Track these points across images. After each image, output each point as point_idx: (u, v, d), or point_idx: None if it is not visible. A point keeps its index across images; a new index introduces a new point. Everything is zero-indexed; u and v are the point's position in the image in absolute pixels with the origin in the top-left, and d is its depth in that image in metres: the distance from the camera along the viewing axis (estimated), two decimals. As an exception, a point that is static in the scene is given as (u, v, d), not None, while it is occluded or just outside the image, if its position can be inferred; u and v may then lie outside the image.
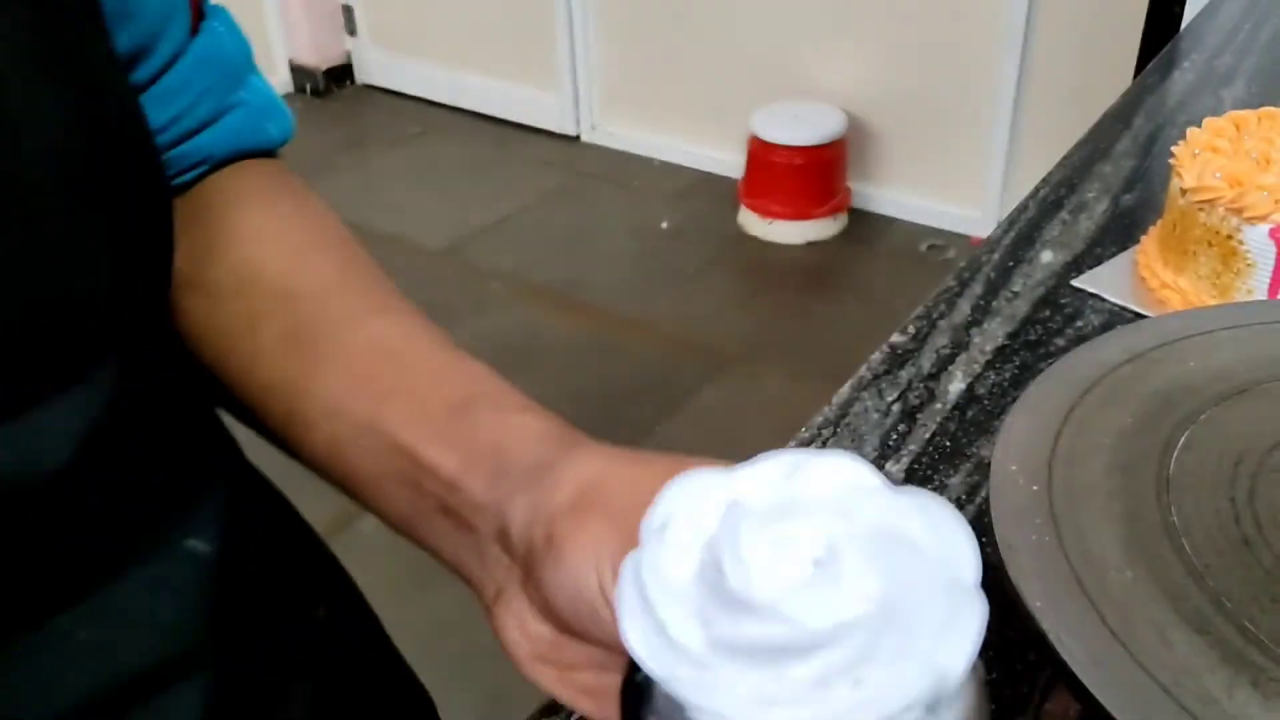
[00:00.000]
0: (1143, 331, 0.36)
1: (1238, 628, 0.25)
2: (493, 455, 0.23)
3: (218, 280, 0.28)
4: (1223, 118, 0.52)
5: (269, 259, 0.28)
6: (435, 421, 0.24)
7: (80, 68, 0.21)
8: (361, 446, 0.24)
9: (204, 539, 0.27)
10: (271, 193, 0.30)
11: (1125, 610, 0.26)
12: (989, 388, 0.46)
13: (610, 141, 2.29)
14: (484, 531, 0.23)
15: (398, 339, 0.26)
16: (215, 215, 0.29)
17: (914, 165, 1.98)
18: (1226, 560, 0.27)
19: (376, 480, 0.25)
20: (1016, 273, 0.54)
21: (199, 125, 0.29)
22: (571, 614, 0.21)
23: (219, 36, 0.29)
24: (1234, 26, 0.87)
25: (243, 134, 0.30)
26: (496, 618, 0.23)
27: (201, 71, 0.29)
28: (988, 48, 1.80)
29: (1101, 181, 0.63)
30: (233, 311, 0.27)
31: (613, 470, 0.21)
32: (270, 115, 0.31)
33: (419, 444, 0.23)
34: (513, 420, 0.24)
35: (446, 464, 0.23)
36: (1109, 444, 0.31)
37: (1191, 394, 0.33)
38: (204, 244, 0.27)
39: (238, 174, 0.30)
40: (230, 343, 0.27)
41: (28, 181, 0.19)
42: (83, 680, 0.23)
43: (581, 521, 0.20)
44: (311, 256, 0.29)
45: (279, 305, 0.27)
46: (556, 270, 1.88)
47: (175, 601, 0.25)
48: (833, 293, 1.83)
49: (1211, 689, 0.24)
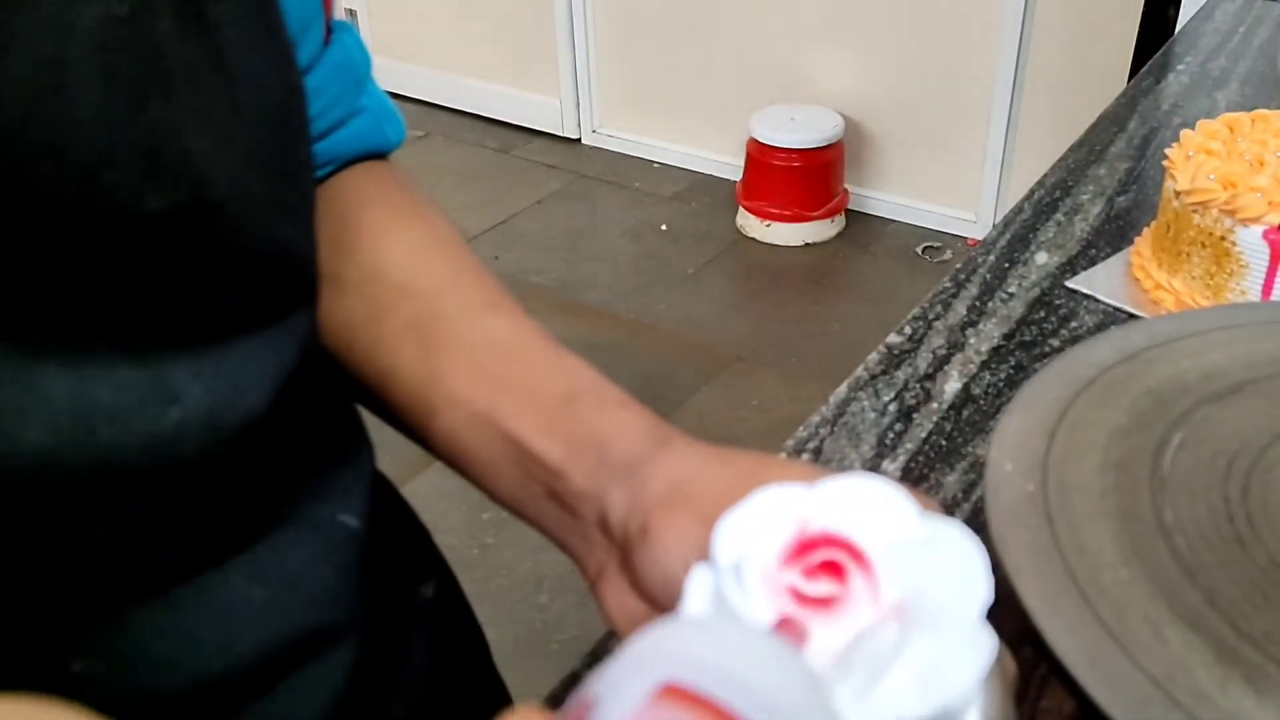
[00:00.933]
0: (1137, 332, 0.36)
1: (1231, 624, 0.26)
2: (594, 448, 0.25)
3: (345, 274, 0.30)
4: (1216, 120, 0.53)
5: (391, 256, 0.30)
6: (542, 413, 0.26)
7: (281, 37, 0.23)
8: (476, 433, 0.27)
9: (353, 514, 0.28)
10: (391, 194, 0.32)
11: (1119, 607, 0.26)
12: (984, 388, 0.46)
13: (611, 144, 2.29)
14: (586, 516, 0.25)
15: (509, 334, 0.28)
16: (342, 213, 0.31)
17: (911, 168, 1.99)
18: (1220, 558, 0.28)
19: (490, 465, 0.27)
20: (1012, 274, 0.54)
21: (330, 128, 0.31)
22: (662, 595, 0.23)
23: (347, 46, 0.32)
24: (1228, 30, 0.87)
25: (366, 137, 0.33)
26: (599, 592, 0.25)
27: (334, 78, 0.31)
28: (984, 52, 1.81)
29: (1096, 184, 0.63)
30: (357, 302, 0.29)
31: (700, 471, 0.24)
32: (388, 120, 0.34)
33: (527, 435, 0.26)
34: (613, 415, 0.26)
35: (552, 454, 0.25)
36: (1103, 443, 0.31)
37: (1185, 393, 0.33)
38: (331, 240, 0.29)
39: (361, 175, 0.33)
40: (353, 333, 0.29)
41: (248, 130, 0.21)
42: (258, 635, 0.25)
43: (672, 516, 0.23)
44: (429, 254, 0.31)
45: (400, 299, 0.29)
46: (557, 271, 1.89)
47: (332, 572, 0.27)
48: (830, 294, 1.84)
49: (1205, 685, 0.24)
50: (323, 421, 0.28)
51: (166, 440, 0.20)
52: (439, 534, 0.38)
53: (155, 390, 0.20)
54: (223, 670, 0.24)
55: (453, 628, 0.37)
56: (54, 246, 0.18)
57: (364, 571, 0.28)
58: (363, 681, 0.28)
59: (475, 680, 0.38)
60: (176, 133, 0.19)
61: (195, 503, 0.22)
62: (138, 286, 0.20)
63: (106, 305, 0.19)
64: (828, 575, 0.19)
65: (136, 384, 0.20)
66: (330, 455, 0.28)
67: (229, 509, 0.24)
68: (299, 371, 0.24)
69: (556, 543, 0.27)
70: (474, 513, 1.34)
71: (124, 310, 0.20)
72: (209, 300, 0.21)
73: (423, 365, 0.28)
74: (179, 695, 0.23)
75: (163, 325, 0.21)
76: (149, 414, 0.20)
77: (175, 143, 0.19)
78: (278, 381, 0.23)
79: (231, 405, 0.22)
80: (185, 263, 0.20)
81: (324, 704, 0.27)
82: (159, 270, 0.20)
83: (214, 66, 0.20)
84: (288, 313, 0.24)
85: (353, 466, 0.30)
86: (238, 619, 0.24)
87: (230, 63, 0.20)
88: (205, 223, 0.20)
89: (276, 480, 0.25)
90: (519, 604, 1.23)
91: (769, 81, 2.03)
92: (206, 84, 0.20)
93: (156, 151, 0.19)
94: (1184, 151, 0.50)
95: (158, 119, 0.19)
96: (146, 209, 0.19)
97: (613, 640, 0.35)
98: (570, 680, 0.34)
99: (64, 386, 0.19)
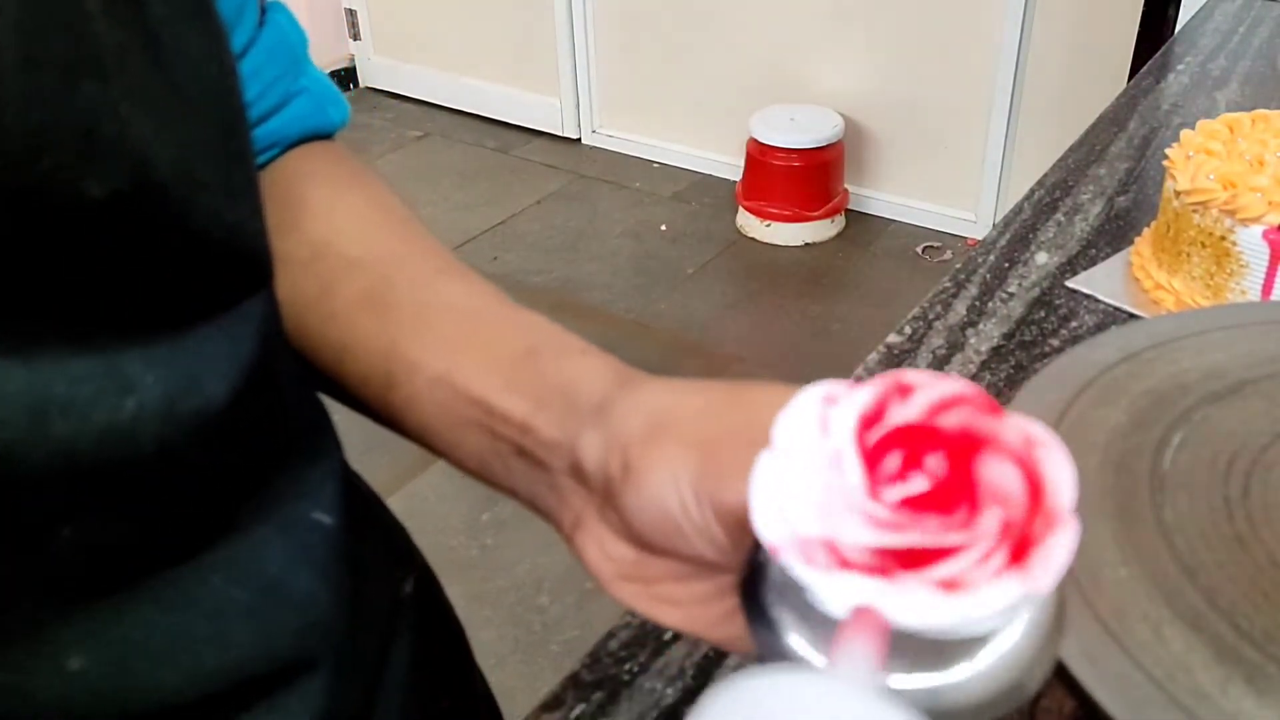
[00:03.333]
0: (1137, 332, 0.36)
1: (1231, 624, 0.26)
2: (560, 396, 0.24)
3: (291, 251, 0.29)
4: (1216, 120, 0.53)
5: (339, 230, 0.30)
6: (504, 370, 0.25)
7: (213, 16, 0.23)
8: (437, 399, 0.26)
9: (327, 512, 0.28)
10: (336, 170, 0.32)
11: (1119, 607, 0.26)
12: (984, 388, 0.46)
13: (611, 144, 2.29)
14: (557, 468, 0.24)
15: (463, 297, 0.28)
16: (285, 193, 0.30)
17: (911, 168, 1.99)
18: (1220, 557, 0.28)
19: (454, 430, 0.26)
20: (1012, 274, 0.54)
21: (268, 111, 0.31)
22: (655, 533, 0.22)
23: (281, 27, 0.31)
24: (1228, 30, 0.87)
25: (308, 119, 0.32)
26: (577, 544, 0.24)
27: (270, 60, 0.30)
28: (984, 51, 1.81)
29: (1096, 184, 0.63)
30: (306, 279, 0.29)
31: (677, 400, 0.23)
32: (330, 100, 0.33)
33: (490, 393, 0.25)
34: (576, 362, 0.25)
35: (518, 409, 0.25)
36: (1103, 442, 0.31)
37: (1185, 393, 0.33)
38: (275, 221, 0.28)
39: (303, 155, 0.32)
40: (304, 309, 0.29)
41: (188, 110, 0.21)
42: (247, 635, 0.24)
43: (655, 447, 0.22)
44: (377, 225, 0.30)
45: (351, 271, 0.29)
46: (557, 271, 1.89)
47: (315, 574, 0.27)
48: (830, 294, 1.84)
49: (1205, 685, 0.24)
50: (290, 413, 0.28)
51: (124, 432, 0.20)
52: (439, 534, 0.38)
53: (110, 381, 0.20)
54: (216, 672, 0.24)
55: (433, 625, 0.36)
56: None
57: (345, 574, 0.28)
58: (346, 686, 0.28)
59: (457, 678, 0.38)
60: (113, 114, 0.18)
61: (158, 495, 0.22)
62: (85, 275, 0.19)
63: (54, 295, 0.19)
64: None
65: (90, 375, 0.19)
66: (300, 449, 0.28)
67: (195, 501, 0.23)
68: (259, 360, 0.24)
69: (527, 503, 0.26)
70: (474, 514, 1.34)
71: (73, 299, 0.19)
72: (160, 287, 0.21)
73: (379, 336, 0.27)
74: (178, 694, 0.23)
75: (114, 314, 0.20)
76: (105, 405, 0.20)
77: (112, 125, 0.18)
78: (237, 370, 0.23)
79: (188, 394, 0.21)
80: (132, 248, 0.20)
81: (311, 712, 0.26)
82: (106, 257, 0.19)
83: (148, 46, 0.19)
84: (242, 298, 0.24)
85: (323, 462, 0.29)
86: (224, 617, 0.24)
87: (165, 42, 0.20)
88: (150, 207, 0.20)
89: (244, 472, 0.25)
90: (518, 605, 1.23)
91: (769, 82, 2.03)
92: (141, 64, 0.19)
93: (92, 134, 0.18)
94: (1184, 151, 0.50)
95: (92, 101, 0.18)
96: (87, 194, 0.18)
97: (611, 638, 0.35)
98: (570, 681, 0.34)
99: (16, 380, 0.18)
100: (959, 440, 0.17)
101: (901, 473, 0.17)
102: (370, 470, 0.35)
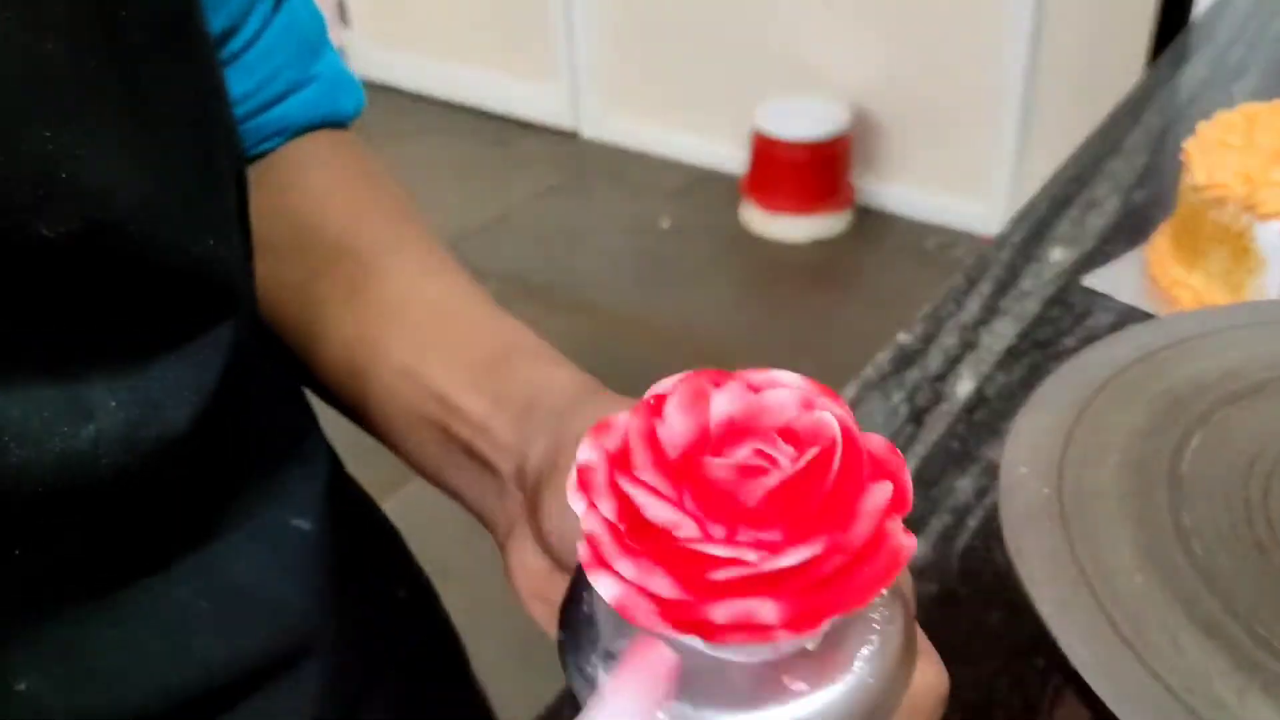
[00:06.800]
0: (1154, 330, 0.35)
1: (1249, 632, 0.25)
2: (522, 401, 0.24)
3: (280, 236, 0.29)
4: (1234, 112, 0.51)
5: (331, 216, 0.29)
6: (471, 370, 0.25)
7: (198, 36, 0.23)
8: (401, 392, 0.26)
9: (307, 518, 0.28)
10: (335, 156, 0.32)
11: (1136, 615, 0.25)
12: (998, 388, 0.45)
13: (610, 137, 2.28)
14: (505, 471, 0.24)
15: (446, 295, 0.28)
16: (281, 178, 0.30)
17: (921, 161, 1.97)
18: (1239, 563, 0.27)
19: (411, 426, 0.26)
20: (1026, 271, 0.54)
21: (278, 96, 0.30)
22: (558, 541, 0.21)
23: (296, 12, 0.31)
24: (1245, 19, 0.86)
25: (318, 106, 0.32)
26: (507, 555, 0.24)
27: (282, 44, 0.30)
28: (996, 41, 1.79)
29: (1112, 178, 0.62)
30: (293, 265, 0.29)
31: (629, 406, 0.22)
32: (343, 88, 0.33)
33: (452, 390, 0.25)
34: (545, 371, 0.25)
35: (476, 408, 0.24)
36: (1120, 445, 0.30)
37: (1204, 393, 0.32)
38: (268, 204, 0.28)
39: (309, 141, 0.32)
40: (288, 294, 0.28)
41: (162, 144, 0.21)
42: (210, 648, 0.24)
43: None
44: (369, 216, 0.30)
45: (338, 258, 0.28)
46: (555, 268, 1.88)
47: (289, 580, 0.26)
48: (838, 291, 1.82)
49: (1223, 694, 0.24)
50: (263, 423, 0.27)
51: (82, 459, 0.20)
52: (436, 541, 0.38)
53: (69, 408, 0.19)
54: (177, 686, 0.23)
55: (429, 632, 0.36)
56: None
57: (327, 579, 0.27)
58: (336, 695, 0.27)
59: (453, 687, 0.37)
60: (74, 157, 0.18)
61: (117, 515, 0.22)
62: (41, 307, 0.19)
63: (13, 325, 0.19)
64: None
65: (49, 402, 0.19)
66: (278, 456, 0.28)
67: (157, 518, 0.23)
68: (225, 383, 0.23)
69: (473, 509, 0.26)
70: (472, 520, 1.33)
71: (32, 330, 0.19)
72: (121, 318, 0.21)
73: (353, 325, 0.27)
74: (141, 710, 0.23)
75: (72, 343, 0.20)
76: (62, 432, 0.19)
77: (72, 167, 0.18)
78: (200, 395, 0.22)
79: (149, 422, 0.21)
80: (90, 282, 0.20)
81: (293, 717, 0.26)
82: (62, 291, 0.19)
83: (123, 78, 0.19)
84: (208, 327, 0.23)
85: (305, 467, 0.29)
86: (186, 629, 0.23)
87: (141, 73, 0.20)
88: (107, 244, 0.19)
89: (210, 488, 0.25)
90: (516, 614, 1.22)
91: (775, 71, 2.01)
92: (110, 101, 0.19)
93: (49, 178, 0.18)
94: (1201, 144, 0.49)
95: (44, 147, 0.18)
96: (39, 234, 0.18)
97: None
98: (566, 693, 0.34)
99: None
100: None
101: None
102: (368, 473, 0.35)
